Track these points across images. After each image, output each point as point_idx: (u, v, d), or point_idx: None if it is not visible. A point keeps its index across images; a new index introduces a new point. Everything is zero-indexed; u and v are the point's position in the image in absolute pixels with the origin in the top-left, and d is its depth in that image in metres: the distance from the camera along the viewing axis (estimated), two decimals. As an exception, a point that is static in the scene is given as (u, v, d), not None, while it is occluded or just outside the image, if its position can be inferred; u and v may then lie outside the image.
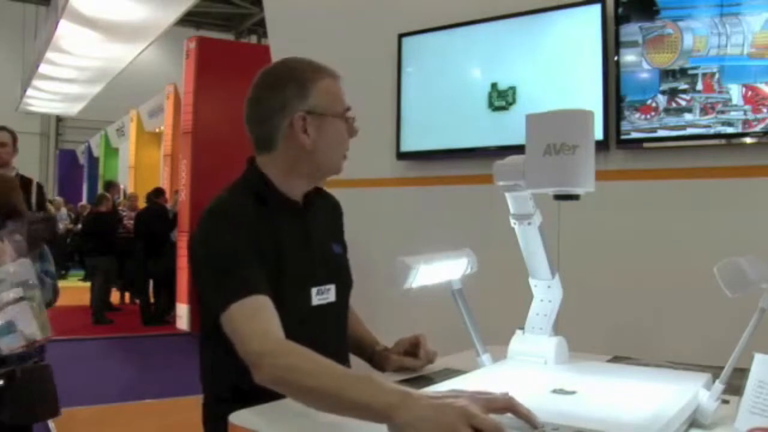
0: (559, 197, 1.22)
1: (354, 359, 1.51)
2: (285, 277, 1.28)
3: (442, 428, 0.87)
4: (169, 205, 8.71)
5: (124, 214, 9.38)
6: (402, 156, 3.38)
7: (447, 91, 3.22)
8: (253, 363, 1.09)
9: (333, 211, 1.52)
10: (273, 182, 1.35)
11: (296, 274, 1.31)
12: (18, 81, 17.55)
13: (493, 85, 3.04)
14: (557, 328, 1.41)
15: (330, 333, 1.36)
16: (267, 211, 1.31)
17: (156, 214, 8.30)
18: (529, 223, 1.33)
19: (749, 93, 2.38)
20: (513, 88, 2.99)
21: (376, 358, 1.50)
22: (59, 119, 21.06)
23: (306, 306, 1.33)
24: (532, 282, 1.41)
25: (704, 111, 2.46)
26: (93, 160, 17.64)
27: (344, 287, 1.44)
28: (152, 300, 8.50)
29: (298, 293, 1.31)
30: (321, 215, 1.44)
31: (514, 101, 2.99)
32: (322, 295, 1.36)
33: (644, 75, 2.59)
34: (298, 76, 1.33)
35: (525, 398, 0.94)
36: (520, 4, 2.97)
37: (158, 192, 8.75)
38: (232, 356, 1.14)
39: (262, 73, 1.37)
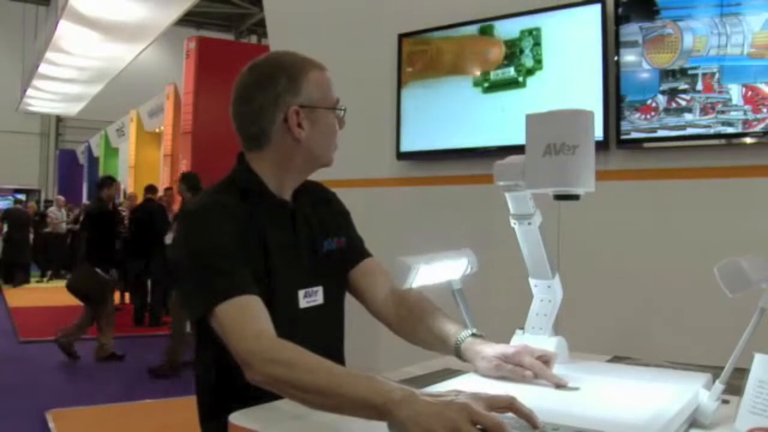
0: (559, 197, 1.22)
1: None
2: (272, 279, 1.27)
3: (444, 424, 0.87)
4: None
5: (124, 214, 9.37)
6: (402, 156, 3.38)
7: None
8: (245, 362, 1.09)
9: (326, 204, 1.48)
10: (264, 180, 1.34)
11: (283, 276, 1.29)
12: (18, 81, 17.57)
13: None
14: (557, 328, 1.41)
15: (320, 336, 1.32)
16: (254, 211, 1.30)
17: (148, 211, 8.24)
18: (529, 223, 1.33)
19: (749, 93, 2.38)
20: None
21: (464, 349, 1.30)
22: (59, 119, 21.07)
23: (294, 309, 1.31)
24: (532, 282, 1.41)
25: (704, 111, 2.46)
26: (93, 160, 17.63)
27: (334, 288, 1.41)
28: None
29: (285, 296, 1.30)
30: (312, 212, 1.41)
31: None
32: (310, 298, 1.35)
33: (644, 75, 2.59)
34: (288, 70, 1.31)
35: (525, 398, 0.94)
36: (520, 4, 2.97)
37: (150, 189, 8.66)
38: (225, 355, 1.14)
39: (248, 70, 1.35)
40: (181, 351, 5.55)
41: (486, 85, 2.79)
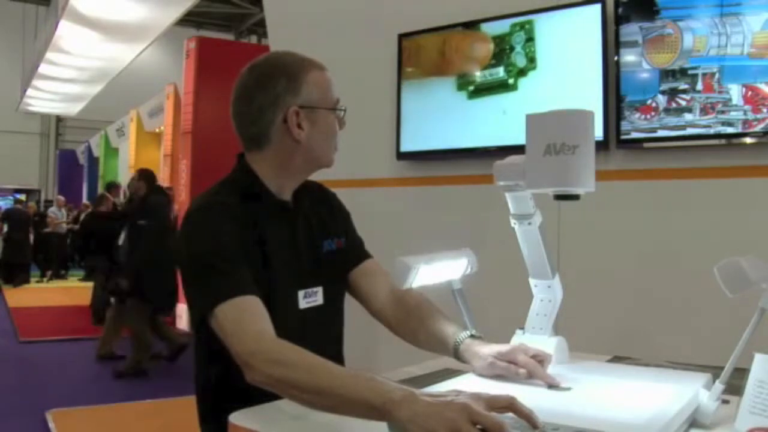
0: (559, 197, 1.22)
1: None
2: (271, 279, 1.27)
3: (444, 424, 0.87)
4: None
5: (124, 214, 9.35)
6: (402, 156, 3.38)
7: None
8: (245, 362, 1.09)
9: (325, 203, 1.48)
10: (263, 181, 1.34)
11: (283, 276, 1.29)
12: (18, 81, 17.57)
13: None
14: (557, 328, 1.41)
15: (320, 336, 1.33)
16: (254, 211, 1.30)
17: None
18: (529, 223, 1.33)
19: (749, 93, 2.38)
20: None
21: (462, 350, 1.31)
22: (59, 119, 21.07)
23: (293, 309, 1.31)
24: (532, 282, 1.41)
25: (704, 111, 2.46)
26: (93, 160, 17.62)
27: (334, 288, 1.41)
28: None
29: (284, 296, 1.30)
30: (312, 212, 1.41)
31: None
32: (310, 298, 1.35)
33: (644, 75, 2.59)
34: (288, 71, 1.31)
35: (525, 398, 0.94)
36: (521, 4, 2.97)
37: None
38: (224, 355, 1.14)
39: (248, 70, 1.35)
40: (146, 357, 5.54)
41: (471, 89, 2.64)
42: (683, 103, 2.50)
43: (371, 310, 1.47)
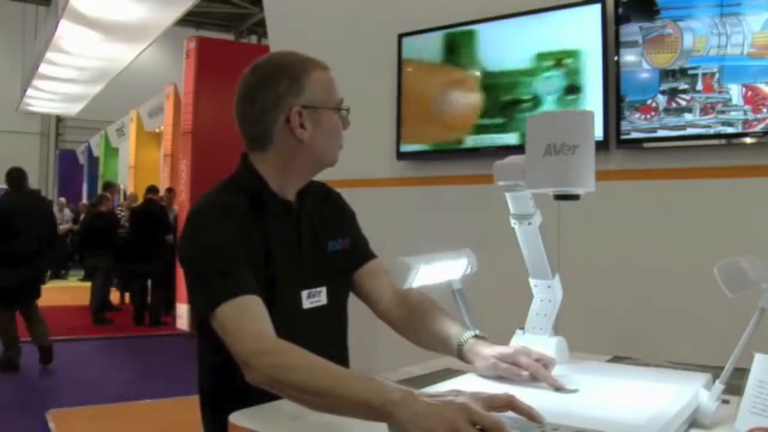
0: (559, 197, 1.22)
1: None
2: (275, 279, 1.27)
3: (444, 425, 0.87)
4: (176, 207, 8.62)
5: (123, 214, 9.36)
6: (402, 156, 3.38)
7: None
8: (245, 363, 1.09)
9: (330, 204, 1.48)
10: (267, 180, 1.34)
11: (286, 276, 1.29)
12: (18, 81, 17.55)
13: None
14: (557, 328, 1.41)
15: (323, 337, 1.32)
16: (257, 211, 1.30)
17: (149, 211, 8.24)
18: (529, 223, 1.33)
19: (749, 93, 2.38)
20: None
21: (465, 351, 1.31)
22: (59, 119, 21.05)
23: (297, 309, 1.31)
24: (532, 282, 1.41)
25: (704, 111, 2.46)
26: (93, 160, 17.62)
27: (338, 288, 1.41)
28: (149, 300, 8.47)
29: (288, 296, 1.29)
30: (316, 212, 1.41)
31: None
32: (314, 298, 1.34)
33: (644, 75, 2.59)
34: (290, 71, 1.31)
35: (525, 398, 0.94)
36: (520, 4, 2.97)
37: (151, 189, 8.65)
38: (225, 355, 1.14)
39: (251, 70, 1.35)
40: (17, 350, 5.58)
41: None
42: (683, 103, 2.50)
43: (376, 310, 1.47)
